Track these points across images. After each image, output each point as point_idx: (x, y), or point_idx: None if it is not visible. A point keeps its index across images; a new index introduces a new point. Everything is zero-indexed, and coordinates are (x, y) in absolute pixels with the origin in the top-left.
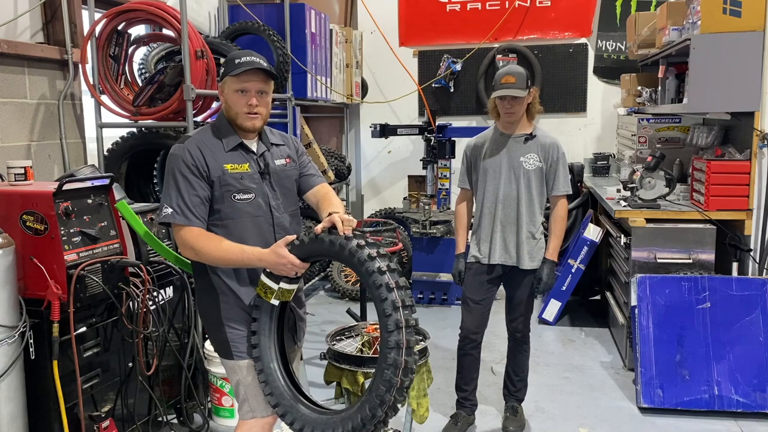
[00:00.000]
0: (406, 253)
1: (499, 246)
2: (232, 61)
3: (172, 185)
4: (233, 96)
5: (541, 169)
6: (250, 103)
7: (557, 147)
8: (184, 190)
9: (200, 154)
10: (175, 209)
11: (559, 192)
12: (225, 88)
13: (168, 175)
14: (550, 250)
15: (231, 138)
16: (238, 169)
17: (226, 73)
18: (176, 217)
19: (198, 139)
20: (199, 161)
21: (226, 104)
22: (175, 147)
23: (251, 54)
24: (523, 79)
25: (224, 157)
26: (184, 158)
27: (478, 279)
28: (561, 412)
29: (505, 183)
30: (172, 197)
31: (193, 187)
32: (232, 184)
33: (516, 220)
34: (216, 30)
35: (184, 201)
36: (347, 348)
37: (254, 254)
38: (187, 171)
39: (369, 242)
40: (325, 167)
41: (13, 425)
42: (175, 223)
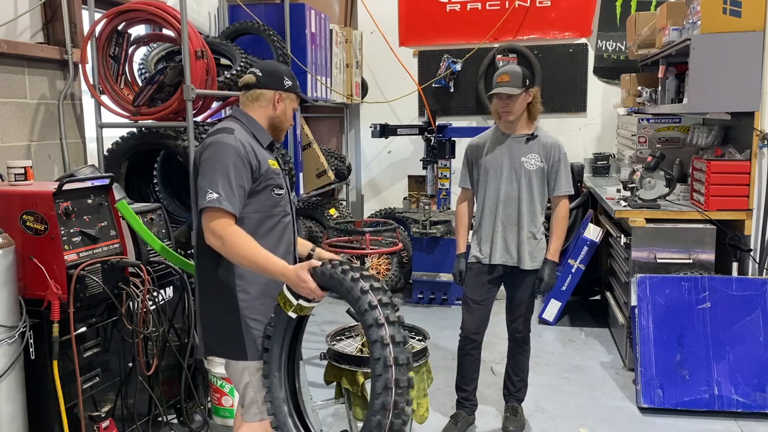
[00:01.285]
0: (406, 253)
1: (500, 246)
2: (296, 81)
3: (221, 172)
4: (290, 111)
5: (543, 170)
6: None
7: (559, 147)
8: (234, 178)
9: (251, 148)
10: (221, 195)
11: (560, 192)
12: (286, 102)
13: (215, 162)
14: (551, 250)
15: (264, 136)
16: (274, 165)
17: (294, 90)
18: (223, 203)
19: (241, 135)
20: (251, 154)
21: (282, 115)
22: (225, 136)
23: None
24: (518, 77)
25: (263, 153)
26: (237, 149)
27: (479, 279)
28: (561, 412)
29: (506, 183)
30: (220, 184)
31: (241, 178)
32: (273, 178)
33: (517, 220)
34: (216, 30)
35: (232, 189)
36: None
37: (278, 267)
38: (239, 162)
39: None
40: (325, 167)
41: (13, 425)
42: (221, 207)
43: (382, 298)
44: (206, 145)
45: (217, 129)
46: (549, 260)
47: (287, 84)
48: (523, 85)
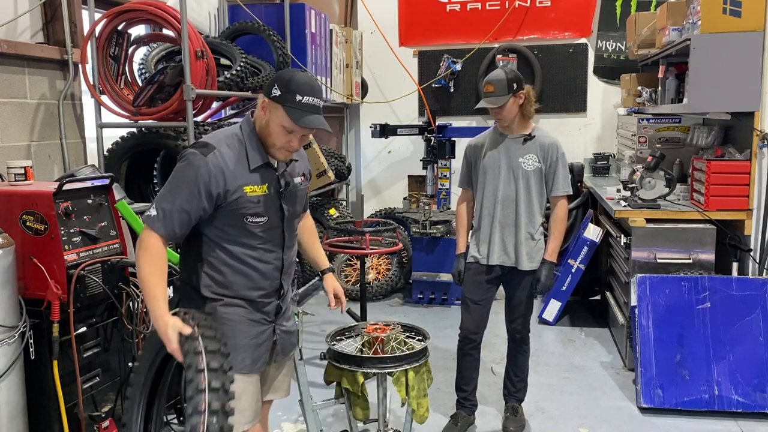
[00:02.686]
0: (406, 253)
1: (497, 247)
2: (293, 94)
3: (171, 189)
4: (278, 128)
5: (541, 170)
6: (291, 143)
7: (557, 147)
8: (178, 202)
9: (222, 174)
10: (157, 215)
11: (558, 192)
12: (272, 113)
13: (173, 178)
14: (549, 251)
15: (258, 156)
16: (257, 191)
17: (282, 101)
18: (154, 223)
19: (222, 154)
20: (216, 182)
21: (266, 126)
22: (195, 155)
23: (315, 92)
24: (503, 85)
25: (246, 177)
26: (199, 173)
27: (477, 279)
28: (561, 412)
29: (504, 184)
30: (164, 203)
31: (190, 203)
32: (247, 207)
33: (515, 220)
34: (216, 30)
35: (172, 212)
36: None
37: (157, 311)
38: (194, 188)
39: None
40: (325, 167)
41: (13, 425)
42: (151, 227)
43: (213, 383)
44: (182, 154)
45: (206, 137)
46: (547, 261)
47: (274, 93)
48: (509, 91)
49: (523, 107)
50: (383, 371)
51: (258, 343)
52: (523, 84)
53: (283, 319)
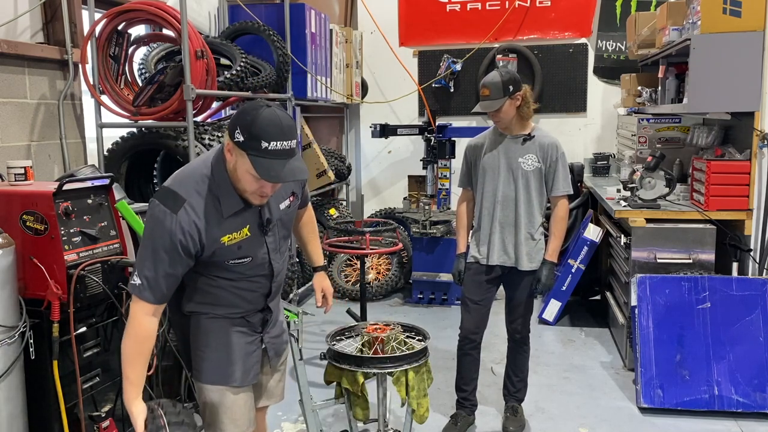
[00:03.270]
0: (406, 253)
1: (497, 247)
2: (258, 141)
3: (149, 254)
4: (246, 176)
5: (540, 170)
6: (264, 190)
7: (556, 147)
8: (161, 268)
9: (195, 229)
10: (143, 284)
11: (559, 192)
12: (239, 159)
13: (149, 236)
14: (550, 250)
15: (231, 202)
16: (236, 238)
17: (246, 149)
18: (143, 292)
19: (193, 207)
20: (192, 240)
21: (234, 171)
22: (164, 214)
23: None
24: (498, 88)
25: (222, 227)
26: (172, 235)
27: (477, 279)
28: (561, 412)
29: (503, 184)
30: (146, 270)
31: (172, 266)
32: (226, 254)
33: (515, 221)
34: (216, 30)
35: (156, 278)
36: (347, 348)
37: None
38: (172, 251)
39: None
40: (325, 167)
41: (13, 425)
42: (139, 297)
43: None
44: (151, 207)
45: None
46: (547, 261)
47: (237, 138)
48: (504, 94)
49: (520, 108)
50: (383, 371)
51: (247, 353)
52: (521, 85)
53: (269, 328)
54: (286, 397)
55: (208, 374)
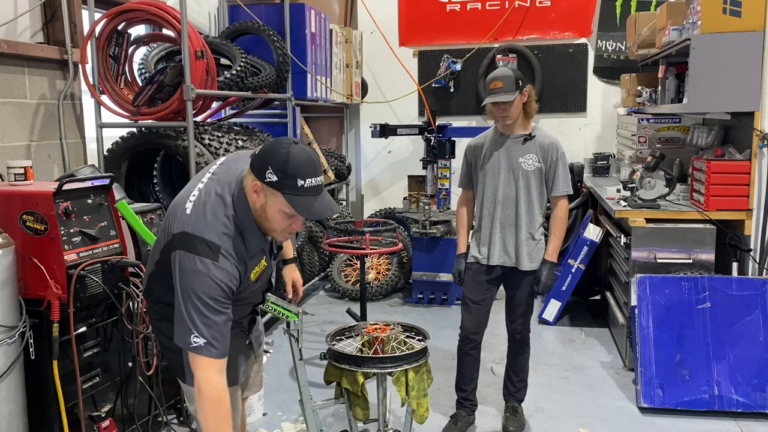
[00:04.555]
0: (406, 253)
1: (498, 247)
2: (294, 180)
3: (202, 310)
4: (278, 215)
5: (541, 170)
6: (294, 227)
7: (556, 147)
8: (220, 316)
9: (238, 273)
10: (210, 341)
11: (559, 192)
12: (269, 199)
13: (194, 296)
14: (550, 250)
15: (256, 241)
16: (258, 271)
17: (281, 189)
18: (211, 351)
19: (229, 253)
20: (234, 282)
21: (262, 212)
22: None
23: (316, 170)
24: (511, 81)
25: (248, 263)
26: (222, 282)
27: (478, 279)
28: (561, 412)
29: (504, 184)
30: (204, 327)
31: (227, 314)
32: (247, 289)
33: (515, 221)
34: (216, 30)
35: (221, 332)
36: (347, 348)
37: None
38: (224, 297)
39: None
40: (325, 167)
41: (13, 425)
42: (209, 356)
43: None
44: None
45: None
46: (547, 261)
47: (270, 178)
48: (516, 88)
49: (526, 105)
50: (383, 371)
51: (241, 354)
52: (527, 82)
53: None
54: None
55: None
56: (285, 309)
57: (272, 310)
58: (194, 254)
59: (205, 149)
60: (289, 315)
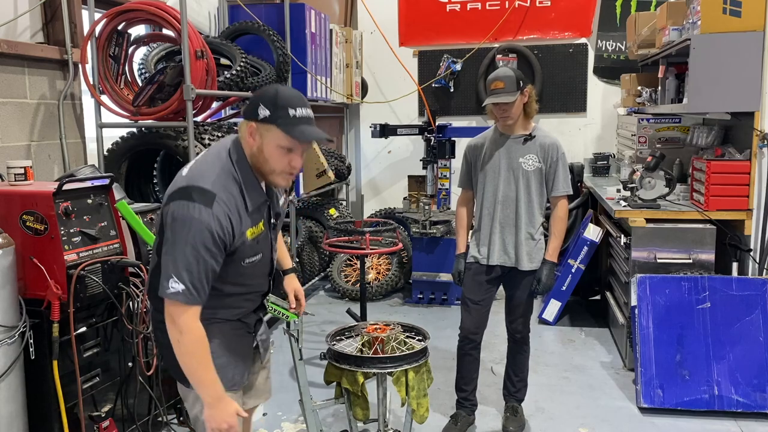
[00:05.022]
0: (406, 253)
1: (498, 247)
2: (285, 110)
3: (189, 256)
4: (276, 151)
5: (541, 170)
6: (293, 164)
7: (557, 147)
8: (202, 266)
9: (229, 223)
10: (188, 288)
11: (559, 192)
12: (264, 136)
13: (182, 240)
14: (550, 250)
15: (256, 195)
16: (255, 232)
17: (275, 121)
18: (189, 297)
19: (225, 202)
20: (227, 232)
21: (260, 154)
22: (198, 209)
23: (305, 102)
24: (512, 82)
25: (247, 220)
26: (211, 229)
27: (477, 279)
28: (561, 412)
29: (504, 184)
30: (186, 274)
31: (213, 263)
32: (246, 251)
33: (515, 221)
34: (216, 30)
35: (200, 280)
36: (347, 348)
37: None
38: (212, 244)
39: None
40: (325, 167)
41: (13, 425)
42: (186, 302)
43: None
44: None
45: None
46: (547, 261)
47: (262, 114)
48: (517, 89)
49: (527, 105)
50: (383, 371)
51: (245, 356)
52: (528, 82)
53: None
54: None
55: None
56: (285, 309)
57: (272, 310)
58: (187, 201)
59: (205, 149)
60: (289, 315)
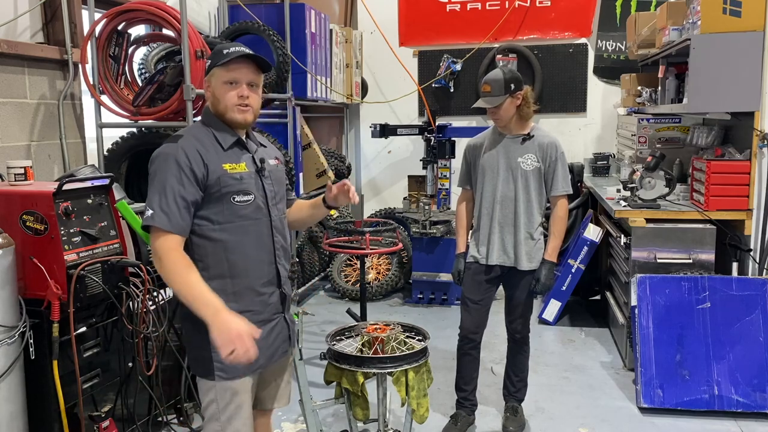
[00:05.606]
0: (406, 253)
1: (497, 247)
2: (220, 52)
3: (157, 186)
4: (222, 88)
5: (540, 170)
6: (241, 95)
7: (555, 147)
8: (170, 192)
9: (198, 154)
10: (155, 211)
11: (558, 192)
12: (212, 81)
13: (153, 175)
14: (549, 250)
15: (227, 135)
16: (236, 168)
17: (213, 65)
18: (156, 219)
19: (193, 137)
20: (196, 162)
21: (213, 98)
22: (166, 146)
23: (240, 45)
24: (500, 85)
25: (222, 156)
26: (177, 158)
27: (477, 279)
28: (561, 412)
29: (502, 183)
30: (156, 199)
31: (181, 190)
32: (231, 185)
33: (514, 220)
34: (216, 30)
35: (168, 204)
36: (347, 348)
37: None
38: (179, 172)
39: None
40: (325, 167)
41: (13, 425)
42: (154, 225)
43: None
44: (152, 157)
45: (171, 136)
46: (547, 261)
47: (208, 64)
48: (506, 92)
49: (520, 108)
50: (383, 371)
51: (271, 340)
52: (522, 85)
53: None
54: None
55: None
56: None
57: None
58: (161, 149)
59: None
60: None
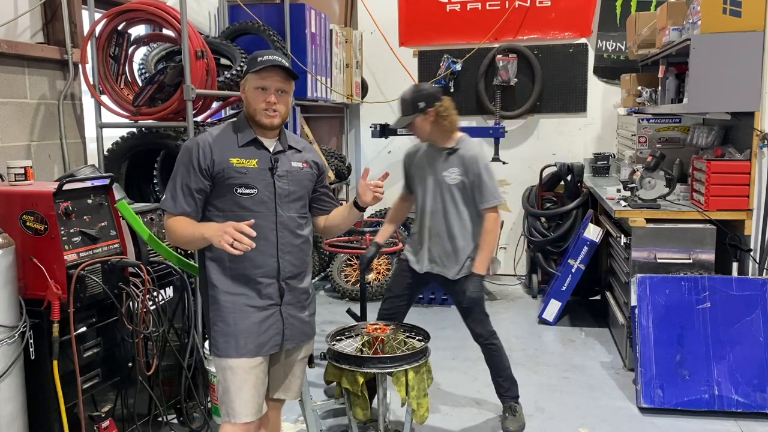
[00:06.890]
0: None
1: (426, 257)
2: (255, 60)
3: (174, 174)
4: (253, 93)
5: (464, 183)
6: (268, 100)
7: (477, 160)
8: (179, 180)
9: (209, 148)
10: (166, 196)
11: (486, 204)
12: (246, 86)
13: (176, 163)
14: (477, 263)
15: (246, 133)
16: (244, 164)
17: (248, 71)
18: (164, 203)
19: (213, 134)
20: (205, 155)
21: (246, 101)
22: (190, 139)
23: (274, 53)
24: (408, 105)
25: (234, 151)
26: (190, 151)
27: (404, 275)
28: (561, 412)
29: (431, 196)
30: (170, 185)
31: (188, 179)
32: (234, 177)
33: (446, 232)
34: (216, 30)
35: (176, 190)
36: (347, 348)
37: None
38: (188, 163)
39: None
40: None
41: (13, 425)
42: (163, 207)
43: None
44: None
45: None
46: (474, 273)
47: (245, 69)
48: (413, 111)
49: (436, 123)
50: (383, 371)
51: (263, 329)
52: (435, 101)
53: (292, 304)
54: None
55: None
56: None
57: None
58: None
59: None
60: None
